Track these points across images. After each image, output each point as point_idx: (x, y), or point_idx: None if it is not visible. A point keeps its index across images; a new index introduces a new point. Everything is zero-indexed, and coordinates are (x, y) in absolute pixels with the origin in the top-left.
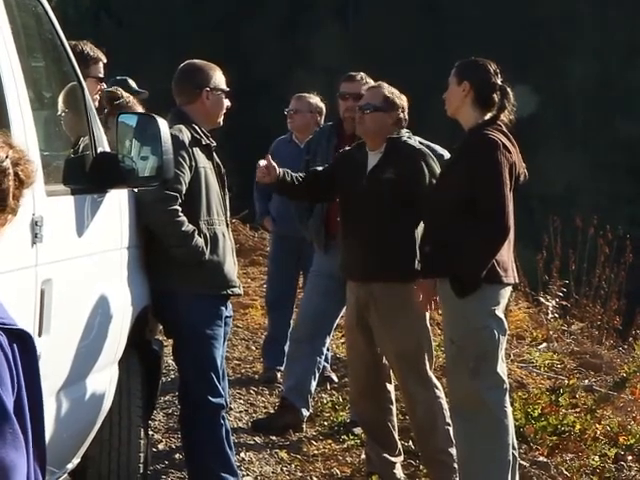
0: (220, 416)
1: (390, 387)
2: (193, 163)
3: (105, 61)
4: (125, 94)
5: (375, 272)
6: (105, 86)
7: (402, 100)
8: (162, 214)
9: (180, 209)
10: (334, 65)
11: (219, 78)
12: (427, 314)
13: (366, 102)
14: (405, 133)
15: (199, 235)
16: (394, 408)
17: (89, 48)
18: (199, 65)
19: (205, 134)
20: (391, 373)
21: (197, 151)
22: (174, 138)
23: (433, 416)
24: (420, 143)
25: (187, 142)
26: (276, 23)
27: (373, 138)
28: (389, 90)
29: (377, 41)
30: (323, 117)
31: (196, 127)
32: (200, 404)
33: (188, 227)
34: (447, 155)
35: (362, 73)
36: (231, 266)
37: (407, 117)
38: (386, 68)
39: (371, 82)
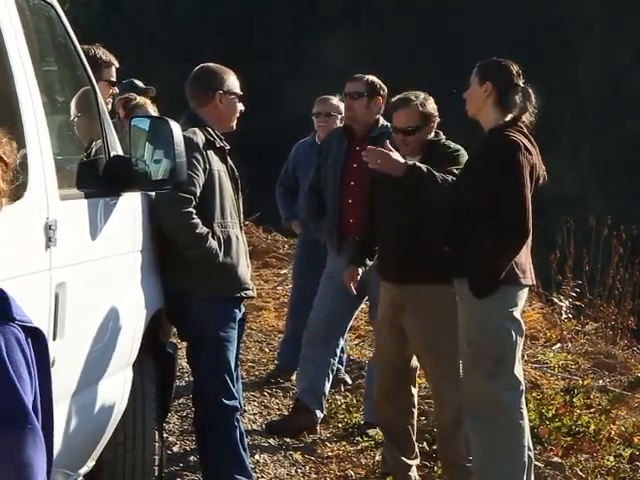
0: (234, 418)
1: (414, 391)
2: (207, 166)
3: (117, 65)
4: (138, 97)
5: (411, 274)
6: (117, 90)
7: (433, 107)
8: (176, 216)
9: (194, 211)
10: (344, 67)
11: (232, 82)
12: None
13: (407, 125)
14: (442, 135)
15: (213, 237)
16: (415, 412)
17: (101, 52)
18: (213, 68)
19: (219, 137)
20: (416, 377)
21: (211, 154)
22: (188, 140)
23: (461, 419)
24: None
25: (201, 145)
26: (285, 24)
27: (414, 152)
28: (421, 105)
29: (388, 42)
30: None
31: (210, 130)
32: (214, 406)
33: (202, 229)
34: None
35: (368, 75)
36: (244, 268)
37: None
38: (397, 69)
39: (375, 81)
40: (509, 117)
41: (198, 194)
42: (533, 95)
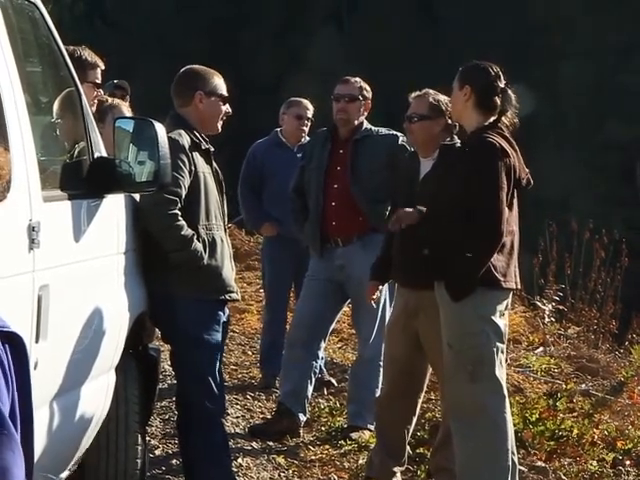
0: (218, 421)
1: (419, 399)
2: (193, 167)
3: (103, 67)
4: (112, 99)
5: (426, 279)
6: (102, 92)
7: (446, 105)
8: (162, 218)
9: (180, 213)
10: (329, 68)
11: (217, 83)
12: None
13: (412, 112)
14: (456, 138)
15: (198, 240)
16: (414, 422)
17: (87, 54)
18: (196, 69)
19: (204, 139)
20: (424, 385)
21: (197, 155)
22: (174, 142)
23: None
24: None
25: (187, 146)
26: (270, 26)
27: (423, 147)
28: (435, 97)
29: (373, 43)
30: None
31: (195, 132)
32: (198, 409)
33: (187, 231)
34: None
35: (357, 78)
36: (229, 271)
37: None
38: (382, 70)
39: (365, 86)
40: (491, 120)
41: (183, 196)
42: (513, 96)
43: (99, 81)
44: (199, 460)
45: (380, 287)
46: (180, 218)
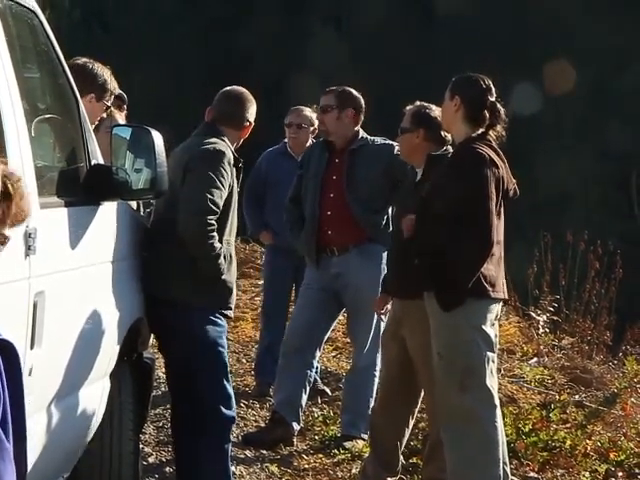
0: (229, 429)
1: (415, 409)
2: (231, 182)
3: (116, 94)
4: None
5: (411, 290)
6: (105, 116)
7: (432, 115)
8: (202, 226)
9: (216, 226)
10: (329, 71)
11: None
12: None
13: (400, 125)
14: (450, 148)
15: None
16: (409, 431)
17: (114, 83)
18: (251, 97)
19: (236, 156)
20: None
21: (234, 171)
22: (222, 154)
23: None
24: None
25: (231, 161)
26: (269, 29)
27: (407, 158)
28: (418, 110)
29: (372, 47)
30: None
31: (232, 148)
32: (214, 415)
33: (218, 244)
34: None
35: (343, 87)
36: (234, 285)
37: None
38: (382, 74)
39: (348, 94)
40: (479, 131)
41: (220, 208)
42: (503, 110)
43: (110, 104)
44: (204, 465)
45: (388, 300)
46: (215, 230)
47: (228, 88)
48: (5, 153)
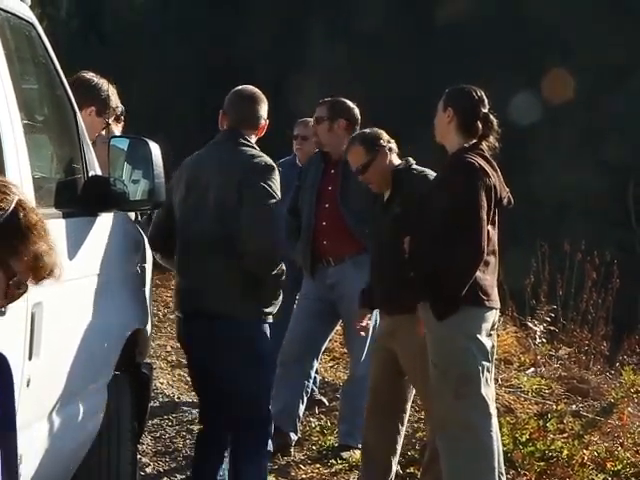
0: (271, 427)
1: (404, 419)
2: None
3: (118, 113)
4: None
5: (396, 304)
6: (104, 133)
7: (380, 139)
8: (277, 246)
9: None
10: (329, 73)
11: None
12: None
13: (356, 166)
14: (411, 160)
15: None
16: (401, 440)
17: (115, 98)
18: (262, 95)
19: None
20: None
21: None
22: (274, 168)
23: None
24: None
25: None
26: (267, 41)
27: (381, 185)
28: (362, 141)
29: (371, 51)
30: None
31: None
32: (268, 421)
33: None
34: None
35: (338, 98)
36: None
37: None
38: (382, 80)
39: (341, 104)
40: (472, 142)
41: None
42: (495, 121)
43: (109, 121)
44: (248, 458)
45: (369, 315)
46: None
47: (239, 88)
48: (3, 164)
